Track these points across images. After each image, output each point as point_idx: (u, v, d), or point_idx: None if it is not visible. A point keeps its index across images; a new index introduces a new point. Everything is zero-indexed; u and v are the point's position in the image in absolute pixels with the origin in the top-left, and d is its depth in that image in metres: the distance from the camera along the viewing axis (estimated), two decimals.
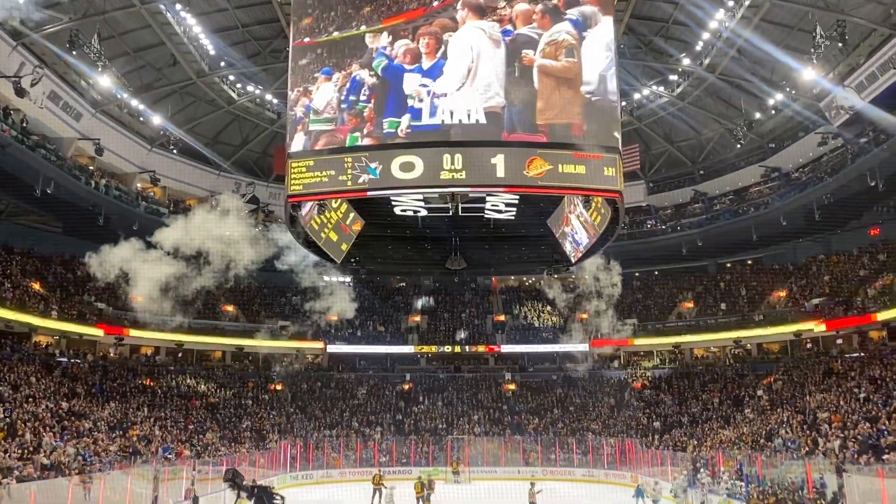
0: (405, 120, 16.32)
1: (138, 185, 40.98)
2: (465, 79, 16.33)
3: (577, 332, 46.55)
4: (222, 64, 35.70)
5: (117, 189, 38.08)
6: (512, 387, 46.60)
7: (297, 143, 16.90)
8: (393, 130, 16.27)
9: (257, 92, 38.96)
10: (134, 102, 35.36)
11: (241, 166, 45.62)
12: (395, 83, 16.66)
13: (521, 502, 23.47)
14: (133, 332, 39.43)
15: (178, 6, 30.48)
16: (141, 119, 36.95)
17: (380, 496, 27.62)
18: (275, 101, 39.49)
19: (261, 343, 45.28)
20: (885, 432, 23.39)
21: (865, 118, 32.11)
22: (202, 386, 41.84)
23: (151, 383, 38.93)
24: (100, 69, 30.18)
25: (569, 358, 47.88)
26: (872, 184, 32.27)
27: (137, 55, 33.88)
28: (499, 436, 40.96)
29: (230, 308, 47.57)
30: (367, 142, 16.35)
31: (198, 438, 34.96)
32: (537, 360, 49.30)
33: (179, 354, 44.47)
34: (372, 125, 16.44)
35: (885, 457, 21.15)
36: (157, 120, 36.93)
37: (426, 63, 16.59)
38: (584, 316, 47.77)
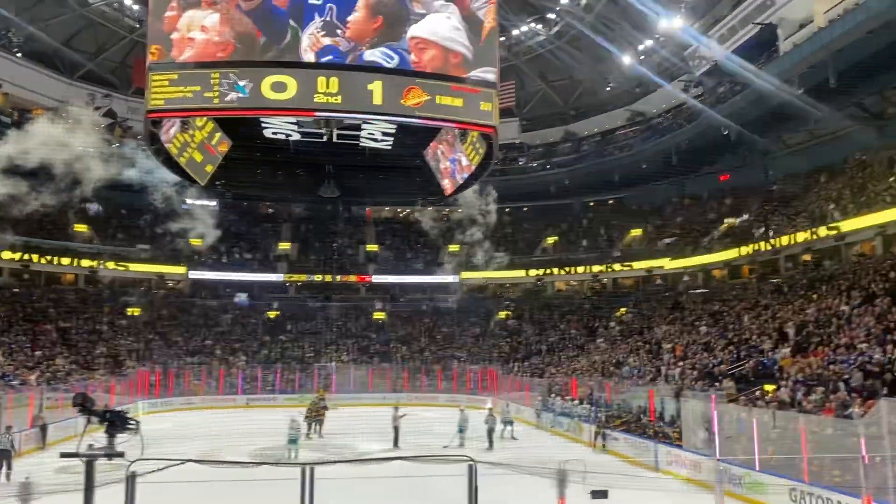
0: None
1: None
2: None
3: (448, 263, 47.45)
4: None
5: None
6: (382, 316, 47.12)
7: None
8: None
9: None
10: None
11: (96, 76, 42.19)
12: None
13: (385, 426, 24.05)
14: None
15: None
16: None
17: (318, 427, 25.67)
18: (135, 7, 36.54)
19: (117, 266, 43.00)
20: (720, 361, 25.69)
21: (725, 68, 33.93)
22: (52, 310, 39.35)
23: None
24: None
25: (439, 288, 48.88)
26: (725, 132, 34.40)
27: None
28: (367, 364, 41.54)
29: (83, 229, 44.67)
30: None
31: (47, 364, 33.08)
32: (408, 290, 49.97)
33: (25, 276, 41.43)
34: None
35: (717, 383, 23.28)
36: None
37: None
38: (455, 248, 48.72)
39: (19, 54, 36.48)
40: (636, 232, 46.95)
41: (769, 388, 20.20)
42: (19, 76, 38.23)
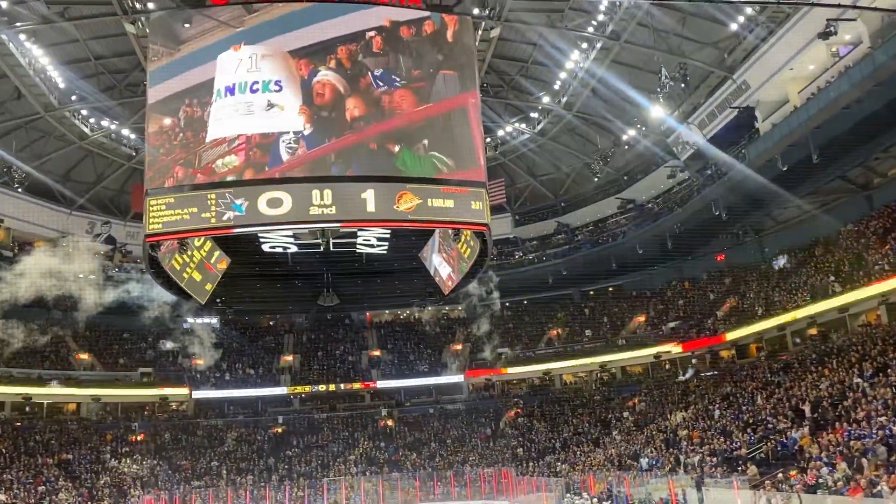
0: None
1: None
2: None
3: (451, 363, 46.94)
4: (73, 97, 33.76)
5: None
6: (389, 423, 46.14)
7: None
8: None
9: (112, 127, 37.07)
10: None
11: (95, 205, 43.06)
12: None
13: None
14: None
15: (23, 37, 28.59)
16: None
17: None
18: (132, 136, 37.73)
19: (120, 392, 42.50)
20: (738, 445, 25.02)
21: (707, 153, 34.78)
22: (54, 441, 38.53)
23: None
24: None
25: (445, 390, 48.13)
26: (716, 213, 34.88)
27: None
28: (377, 474, 40.33)
29: (85, 356, 44.37)
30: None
31: (50, 500, 32.08)
32: (414, 394, 49.12)
33: (27, 409, 40.80)
34: None
35: (739, 468, 22.60)
36: None
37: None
38: (458, 347, 48.33)
39: (20, 189, 37.29)
40: (639, 318, 46.73)
41: (793, 471, 19.62)
42: (21, 211, 39.00)
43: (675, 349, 41.02)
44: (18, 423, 39.28)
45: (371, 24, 17.23)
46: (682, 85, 30.37)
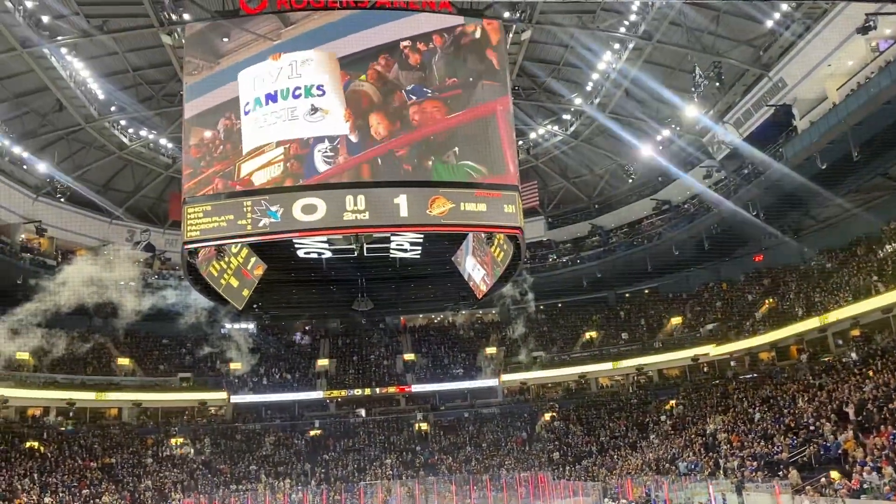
0: None
1: (23, 236, 38.76)
2: None
3: (486, 367, 46.86)
4: (112, 108, 34.51)
5: None
6: (424, 427, 46.21)
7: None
8: None
9: (151, 137, 37.81)
10: (16, 150, 33.63)
11: (134, 213, 43.90)
12: None
13: None
14: (18, 392, 36.95)
15: (64, 50, 29.33)
16: (24, 167, 35.14)
17: None
18: (169, 145, 38.41)
19: (160, 396, 43.19)
20: (780, 449, 24.56)
21: (744, 152, 34.25)
22: (97, 446, 39.36)
23: (41, 447, 36.34)
24: None
25: (480, 394, 48.04)
26: (754, 213, 34.29)
27: (19, 101, 32.31)
28: (412, 478, 40.40)
29: (126, 361, 45.24)
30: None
31: (93, 503, 32.74)
32: (448, 397, 49.10)
33: (71, 414, 41.74)
34: None
35: (780, 473, 22.18)
36: (42, 168, 35.21)
37: None
38: (493, 351, 48.21)
39: (62, 199, 38.19)
40: (676, 320, 46.15)
41: (836, 475, 19.19)
42: (63, 220, 39.98)
43: (713, 351, 40.43)
44: (63, 428, 40.20)
45: (405, 34, 17.36)
46: (717, 84, 29.96)
